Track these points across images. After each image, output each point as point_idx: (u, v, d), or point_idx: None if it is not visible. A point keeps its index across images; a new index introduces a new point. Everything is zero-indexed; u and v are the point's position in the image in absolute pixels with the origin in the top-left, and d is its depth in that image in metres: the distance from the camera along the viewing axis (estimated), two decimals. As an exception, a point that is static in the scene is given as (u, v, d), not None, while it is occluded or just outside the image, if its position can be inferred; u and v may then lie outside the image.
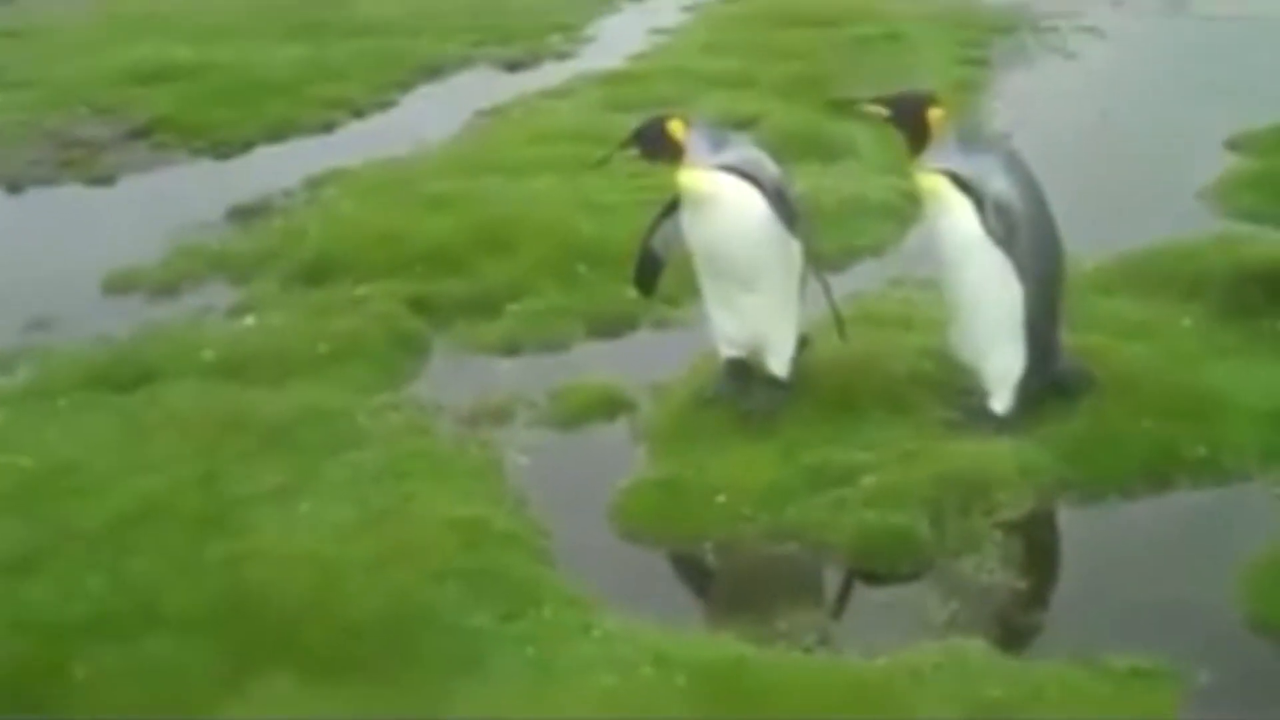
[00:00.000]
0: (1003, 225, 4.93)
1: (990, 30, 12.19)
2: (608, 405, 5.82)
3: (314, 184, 9.17)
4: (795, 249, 5.34)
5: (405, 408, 5.86)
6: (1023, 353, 5.09)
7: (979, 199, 4.94)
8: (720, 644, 4.14)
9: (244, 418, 5.58)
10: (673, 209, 5.50)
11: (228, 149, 10.45)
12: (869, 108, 5.32)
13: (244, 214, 8.73)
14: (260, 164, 10.07)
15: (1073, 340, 5.39)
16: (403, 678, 4.01)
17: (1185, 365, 5.45)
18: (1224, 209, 7.52)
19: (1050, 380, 5.19)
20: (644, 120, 5.44)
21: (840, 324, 5.41)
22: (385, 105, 11.61)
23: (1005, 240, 4.94)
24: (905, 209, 7.57)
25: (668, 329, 6.59)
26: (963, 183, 4.98)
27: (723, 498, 4.95)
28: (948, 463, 4.92)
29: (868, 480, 4.90)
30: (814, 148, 8.66)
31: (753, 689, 3.87)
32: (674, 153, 5.27)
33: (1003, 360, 5.12)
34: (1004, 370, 5.14)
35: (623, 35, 13.37)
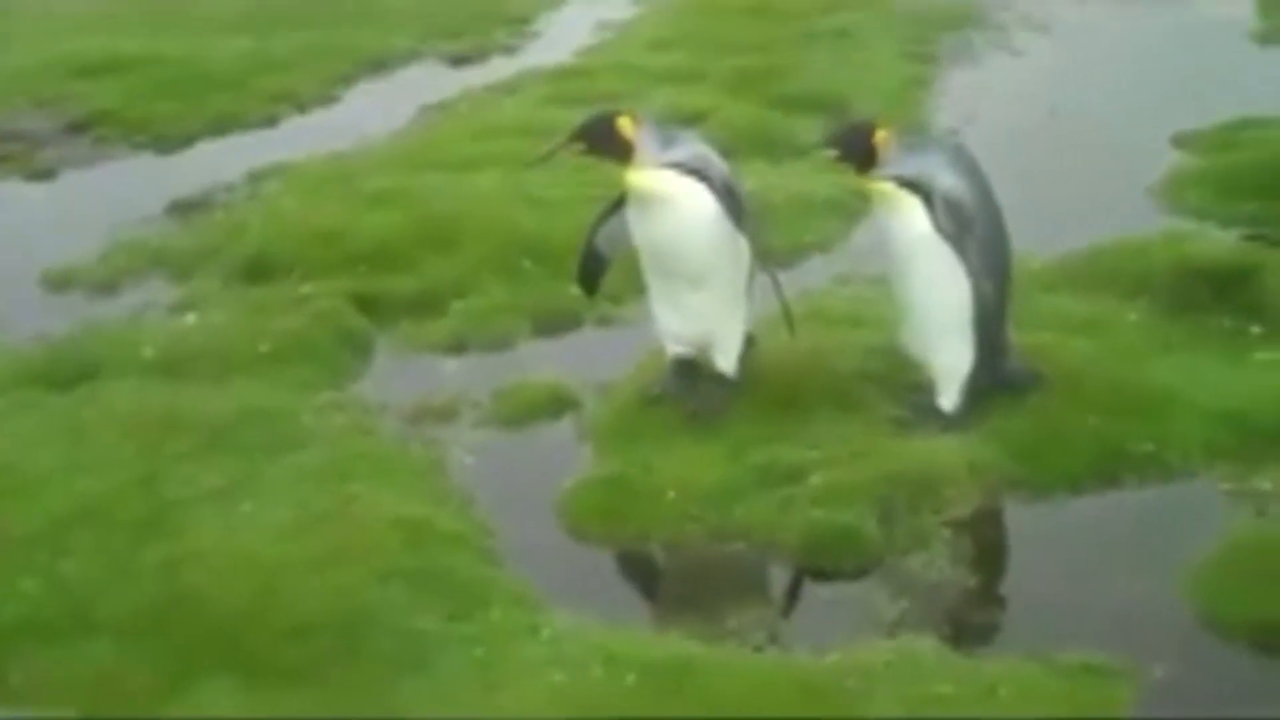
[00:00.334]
0: (953, 221, 4.92)
1: (937, 27, 12.19)
2: (553, 404, 5.77)
3: (256, 179, 9.10)
4: (743, 246, 5.31)
5: (349, 407, 5.80)
6: (971, 349, 5.07)
7: (928, 195, 4.93)
8: (669, 643, 4.10)
9: (185, 417, 5.50)
10: (617, 206, 5.44)
11: (169, 143, 10.35)
12: (823, 154, 5.27)
13: (185, 209, 8.64)
14: (202, 159, 9.97)
15: (1020, 337, 5.38)
16: (348, 679, 3.96)
17: (1131, 362, 5.44)
18: (1171, 206, 7.54)
19: (998, 378, 5.17)
20: (591, 115, 5.38)
21: (790, 321, 5.38)
22: (330, 100, 11.52)
23: (955, 236, 4.92)
24: (853, 205, 7.55)
25: (613, 326, 6.56)
26: (910, 182, 4.96)
27: (670, 496, 4.91)
28: (896, 460, 4.90)
29: (816, 478, 4.87)
30: (762, 144, 8.63)
31: (702, 688, 3.83)
32: (623, 150, 5.21)
33: (951, 357, 5.11)
34: (952, 367, 5.12)
35: (570, 30, 13.32)
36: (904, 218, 4.99)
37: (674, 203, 5.16)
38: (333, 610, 4.17)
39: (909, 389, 5.36)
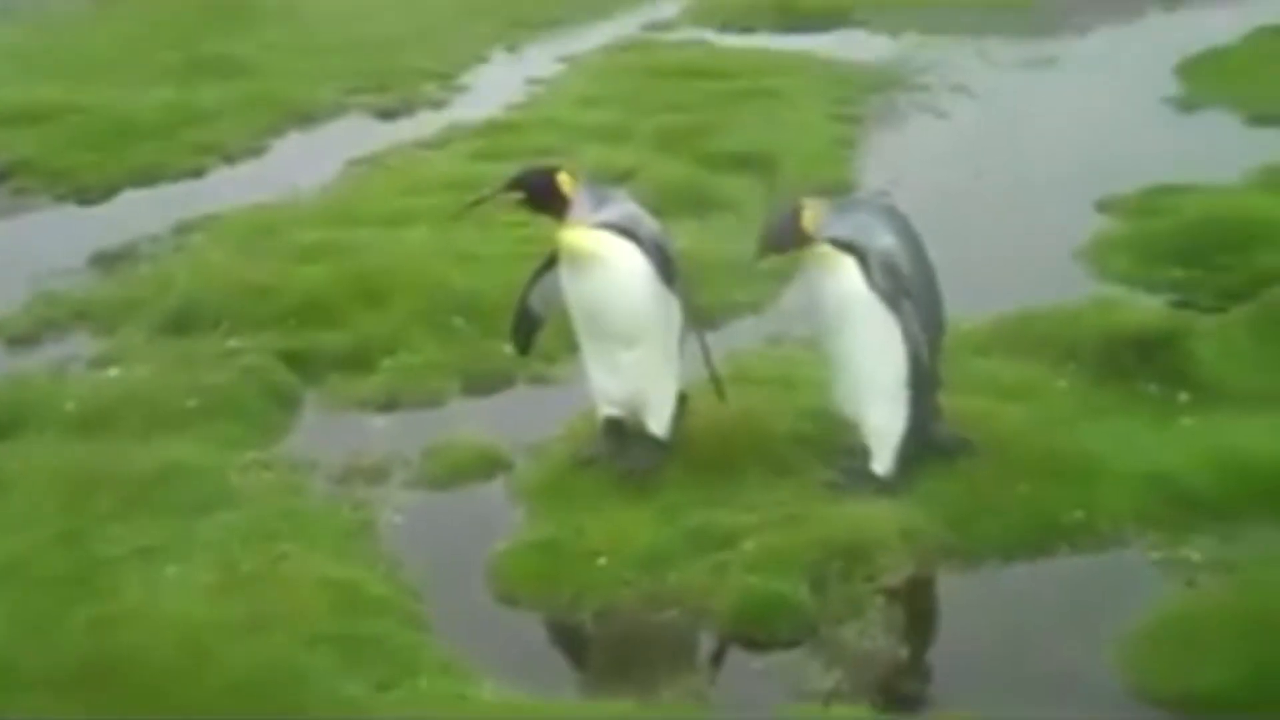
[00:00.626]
0: (888, 281, 4.93)
1: (863, 88, 12.32)
2: (484, 464, 5.72)
3: (182, 231, 9.00)
4: (675, 307, 5.31)
5: (276, 465, 5.72)
6: (904, 412, 5.08)
7: (863, 255, 4.94)
8: (600, 713, 4.06)
9: (109, 474, 5.41)
10: (550, 265, 5.42)
11: (92, 194, 10.22)
12: (757, 264, 5.30)
13: (108, 261, 8.53)
14: (126, 210, 9.86)
15: (951, 401, 5.39)
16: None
17: (1062, 428, 5.47)
18: (1096, 271, 7.61)
19: (930, 442, 5.18)
20: (531, 166, 5.35)
21: (718, 384, 5.37)
22: (257, 151, 11.44)
23: (891, 296, 4.93)
24: (783, 267, 7.53)
25: (545, 386, 6.52)
26: (845, 243, 4.98)
27: (603, 561, 4.86)
28: (829, 526, 4.88)
29: (749, 544, 4.85)
30: (691, 202, 8.65)
31: (633, 760, 3.80)
32: (560, 206, 5.19)
33: (885, 420, 5.11)
34: (886, 430, 5.12)
35: (497, 85, 13.35)
36: (839, 278, 5.00)
37: (606, 263, 5.15)
38: (260, 675, 4.10)
39: (841, 452, 5.36)
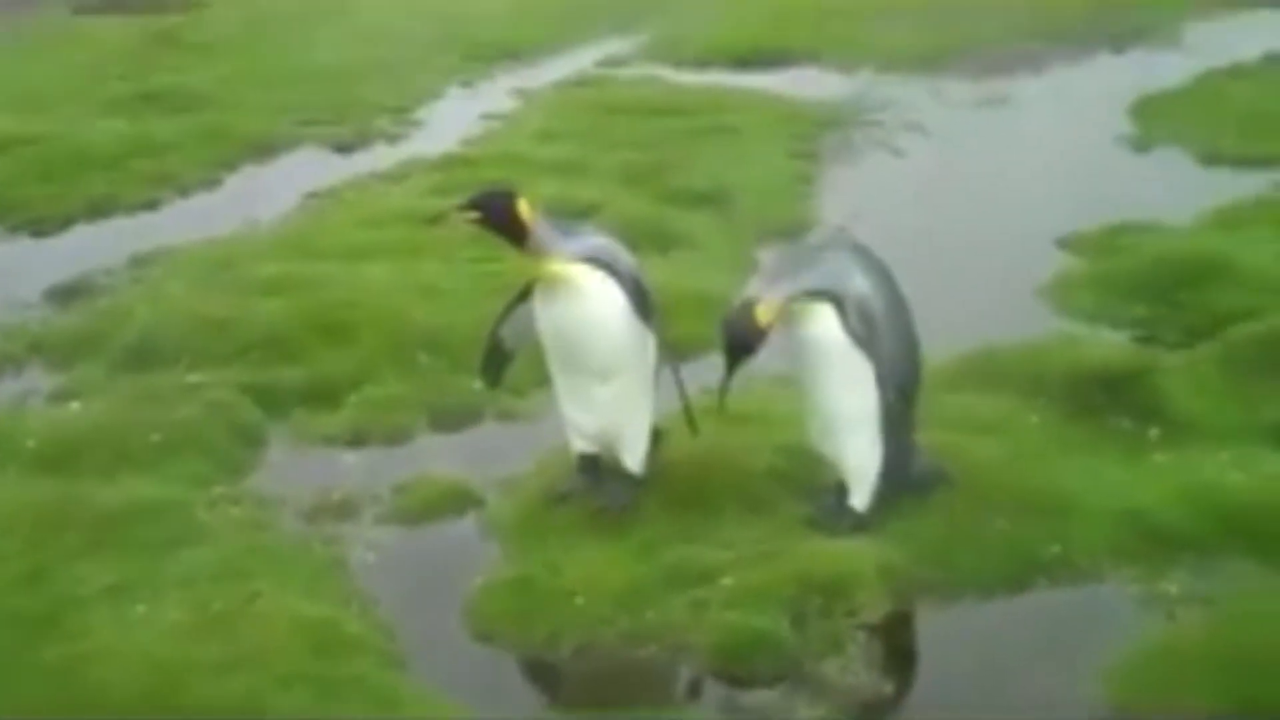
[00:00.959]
0: (864, 325, 4.92)
1: (819, 125, 12.33)
2: (455, 500, 5.65)
3: (138, 264, 8.88)
4: (651, 342, 5.28)
5: (244, 502, 5.64)
6: (881, 449, 5.07)
7: (839, 301, 4.92)
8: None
9: (72, 511, 5.32)
10: (522, 298, 5.37)
11: (46, 226, 10.06)
12: (726, 390, 5.07)
13: (64, 294, 8.40)
14: (80, 242, 9.71)
15: (924, 437, 5.38)
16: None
17: (1035, 464, 5.47)
18: (1060, 308, 7.62)
19: (908, 477, 5.17)
20: (489, 189, 5.24)
21: (692, 419, 5.35)
22: (211, 184, 11.32)
23: (866, 340, 4.92)
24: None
25: (513, 421, 6.46)
26: (818, 292, 4.94)
27: (580, 598, 4.81)
28: (807, 562, 4.86)
29: (727, 580, 4.82)
30: (652, 238, 8.61)
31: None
32: (517, 233, 5.05)
33: (862, 457, 5.09)
34: (863, 467, 5.10)
35: (453, 119, 13.29)
36: (815, 325, 4.95)
37: (584, 296, 5.09)
38: (237, 715, 4.03)
39: (817, 489, 5.34)
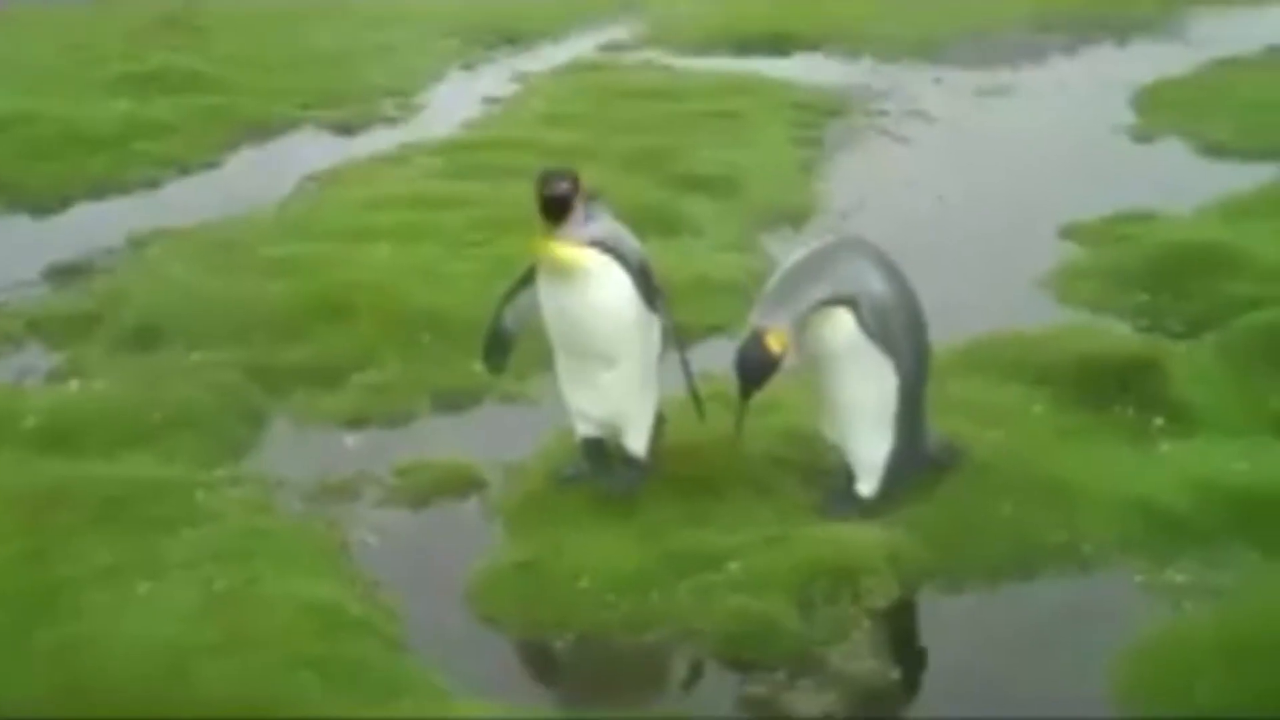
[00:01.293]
0: (878, 322, 4.89)
1: (823, 112, 12.30)
2: (458, 483, 5.62)
3: (138, 244, 8.86)
4: (656, 327, 5.24)
5: (246, 482, 5.60)
6: (890, 436, 5.04)
7: (854, 303, 4.89)
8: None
9: (72, 491, 5.28)
10: (526, 281, 5.34)
11: (46, 205, 10.02)
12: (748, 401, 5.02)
13: (63, 274, 8.37)
14: (80, 222, 9.69)
15: (932, 424, 5.35)
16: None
17: (1041, 451, 5.45)
18: (1063, 297, 7.59)
19: (918, 462, 5.14)
20: (559, 169, 5.14)
21: (699, 404, 5.33)
22: (212, 164, 11.29)
23: (883, 337, 4.90)
24: (751, 287, 7.51)
25: (515, 404, 6.42)
26: (833, 300, 4.90)
27: (585, 583, 4.79)
28: (814, 548, 4.83)
29: (733, 565, 4.79)
30: (656, 223, 8.56)
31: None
32: (564, 215, 5.02)
33: (870, 444, 5.07)
34: (871, 453, 5.09)
35: (455, 103, 13.26)
36: (831, 327, 4.92)
37: (591, 280, 5.05)
38: (240, 700, 3.99)
39: (823, 473, 5.32)
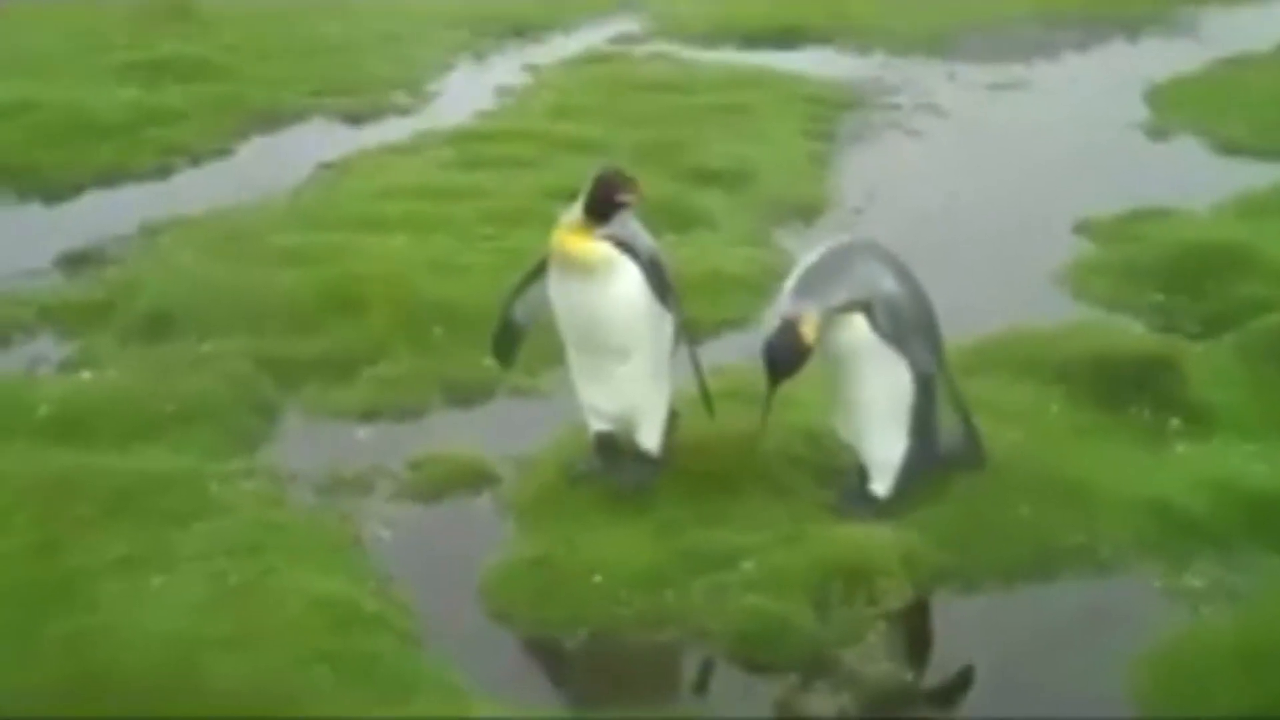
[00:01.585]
0: (893, 325, 4.87)
1: (835, 106, 12.23)
2: (471, 477, 5.59)
3: (149, 232, 8.79)
4: (668, 323, 5.22)
5: (258, 475, 5.57)
6: (906, 437, 5.02)
7: (868, 307, 4.86)
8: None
9: (84, 481, 5.26)
10: (535, 274, 5.32)
11: (56, 192, 9.96)
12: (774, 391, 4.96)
13: (75, 262, 8.30)
14: (91, 210, 9.61)
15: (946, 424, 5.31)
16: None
17: (1057, 451, 5.43)
18: (1077, 294, 7.57)
19: (933, 462, 5.11)
20: (625, 173, 5.10)
21: (708, 400, 5.30)
22: (222, 153, 11.21)
23: (897, 338, 4.88)
24: (764, 281, 7.51)
25: (527, 398, 6.39)
26: (846, 305, 4.87)
27: (598, 579, 4.77)
28: (828, 548, 4.81)
29: (747, 564, 4.77)
30: (669, 217, 8.54)
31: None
32: (610, 219, 5.01)
33: (886, 444, 5.05)
34: (886, 453, 5.06)
35: (466, 93, 13.18)
36: (847, 332, 4.89)
37: (604, 275, 5.02)
38: (252, 697, 3.97)
39: (837, 472, 5.30)
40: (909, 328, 4.92)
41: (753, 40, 15.31)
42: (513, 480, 5.55)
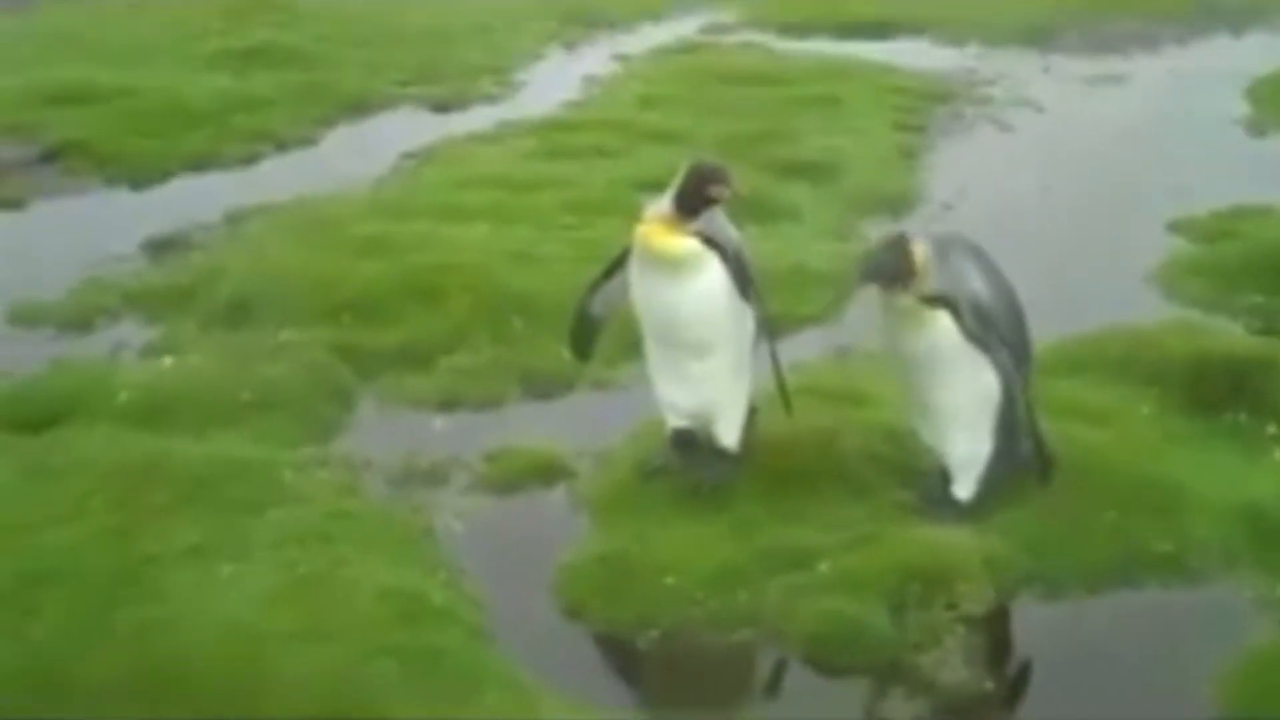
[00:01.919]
0: (980, 326, 4.75)
1: (927, 98, 12.10)
2: (546, 470, 5.53)
3: (235, 219, 8.86)
4: (749, 319, 5.12)
5: (332, 464, 5.55)
6: (990, 440, 4.89)
7: (954, 306, 4.74)
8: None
9: (161, 468, 5.25)
10: (616, 267, 5.24)
11: (144, 178, 10.05)
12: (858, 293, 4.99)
13: (160, 248, 8.38)
14: (178, 196, 9.70)
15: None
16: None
17: (1147, 455, 5.27)
18: (1173, 295, 7.38)
19: (1018, 465, 4.98)
20: (721, 165, 5.02)
21: (786, 398, 5.19)
22: (309, 141, 11.29)
23: (983, 340, 4.75)
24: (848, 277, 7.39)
25: (606, 391, 6.33)
26: (936, 297, 4.75)
27: (671, 578, 4.68)
28: (907, 550, 4.69)
29: (824, 565, 4.67)
30: (754, 210, 8.42)
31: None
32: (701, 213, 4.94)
33: (969, 448, 4.92)
34: (970, 457, 4.93)
35: (554, 82, 13.17)
36: (931, 329, 4.77)
37: (687, 270, 4.94)
38: (320, 692, 3.92)
39: (918, 474, 5.17)
40: (996, 329, 4.79)
41: (845, 31, 15.19)
42: (588, 475, 5.48)
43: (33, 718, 3.91)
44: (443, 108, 12.50)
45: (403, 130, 11.54)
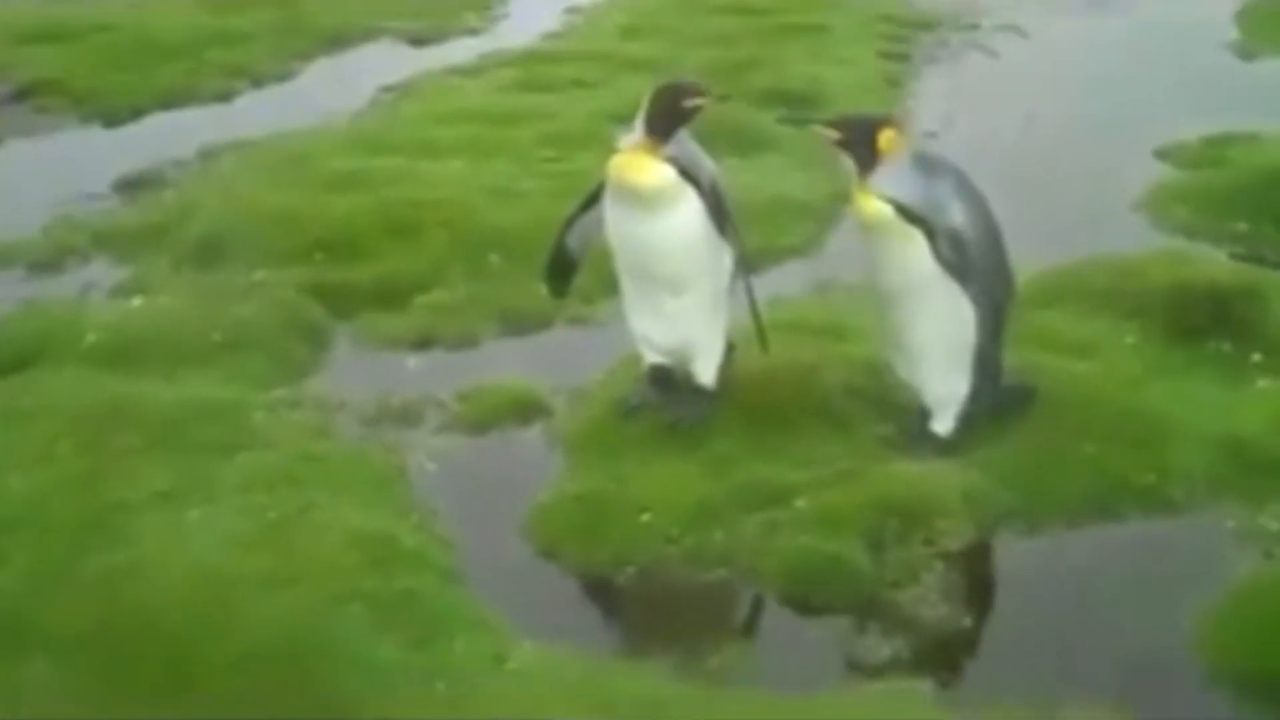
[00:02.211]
0: (956, 254, 4.64)
1: (913, 26, 11.95)
2: (521, 409, 5.46)
3: (209, 156, 8.75)
4: (726, 254, 5.02)
5: (304, 405, 5.48)
6: (969, 375, 4.81)
7: (931, 230, 4.64)
8: (642, 681, 3.84)
9: (130, 411, 5.19)
10: (592, 201, 5.13)
11: (117, 115, 9.92)
12: (819, 129, 4.90)
13: (132, 186, 8.28)
14: (152, 133, 9.58)
15: (1012, 357, 5.08)
16: (301, 715, 3.64)
17: (1129, 386, 5.19)
18: (1156, 222, 7.28)
19: (994, 400, 4.90)
20: (695, 82, 5.00)
21: (762, 335, 5.10)
22: (286, 76, 11.14)
23: (959, 269, 4.65)
24: (829, 208, 7.33)
25: (584, 327, 6.25)
26: (914, 214, 4.66)
27: (647, 516, 4.62)
28: (886, 486, 4.63)
29: (801, 502, 4.60)
30: (734, 140, 8.30)
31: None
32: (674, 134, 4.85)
33: (948, 383, 4.84)
34: (949, 393, 4.85)
35: (535, 14, 12.98)
36: (904, 251, 4.67)
37: (660, 202, 4.84)
38: (287, 635, 3.85)
39: (898, 408, 5.09)
40: (975, 259, 4.69)
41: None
42: (565, 413, 5.41)
43: (-3, 666, 3.86)
44: (421, 41, 12.33)
45: (381, 64, 11.39)
